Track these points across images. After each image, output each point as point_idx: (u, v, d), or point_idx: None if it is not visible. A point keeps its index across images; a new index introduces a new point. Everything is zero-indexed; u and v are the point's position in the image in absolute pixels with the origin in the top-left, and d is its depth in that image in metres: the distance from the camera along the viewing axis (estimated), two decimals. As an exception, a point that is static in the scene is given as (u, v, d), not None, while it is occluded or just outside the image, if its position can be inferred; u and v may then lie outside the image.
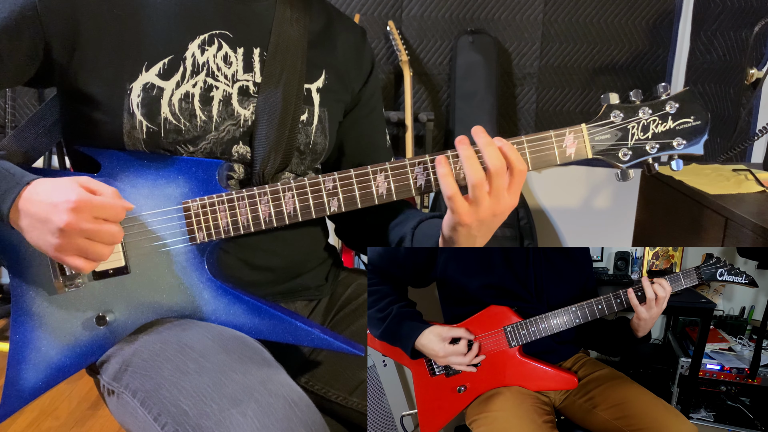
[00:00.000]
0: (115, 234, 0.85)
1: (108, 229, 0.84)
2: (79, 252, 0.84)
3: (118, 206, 0.85)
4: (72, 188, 0.83)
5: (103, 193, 0.85)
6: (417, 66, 2.56)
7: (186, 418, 0.80)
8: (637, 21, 2.52)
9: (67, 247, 0.83)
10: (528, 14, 2.53)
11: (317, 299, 1.14)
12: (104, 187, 0.86)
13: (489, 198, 0.88)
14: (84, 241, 0.83)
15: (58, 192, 0.82)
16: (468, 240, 0.92)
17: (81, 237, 0.83)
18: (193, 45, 0.96)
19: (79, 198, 0.82)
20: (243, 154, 0.99)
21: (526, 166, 0.90)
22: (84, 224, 0.82)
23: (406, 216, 1.09)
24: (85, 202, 0.82)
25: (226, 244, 0.98)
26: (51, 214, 0.81)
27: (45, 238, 0.83)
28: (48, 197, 0.82)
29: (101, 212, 0.83)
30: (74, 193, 0.82)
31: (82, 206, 0.81)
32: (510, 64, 2.58)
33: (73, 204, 0.81)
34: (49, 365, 0.94)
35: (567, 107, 2.61)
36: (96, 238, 0.83)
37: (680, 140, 0.92)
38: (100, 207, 0.83)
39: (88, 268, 0.85)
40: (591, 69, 2.55)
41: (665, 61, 2.54)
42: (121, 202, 0.87)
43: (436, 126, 2.60)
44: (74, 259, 0.84)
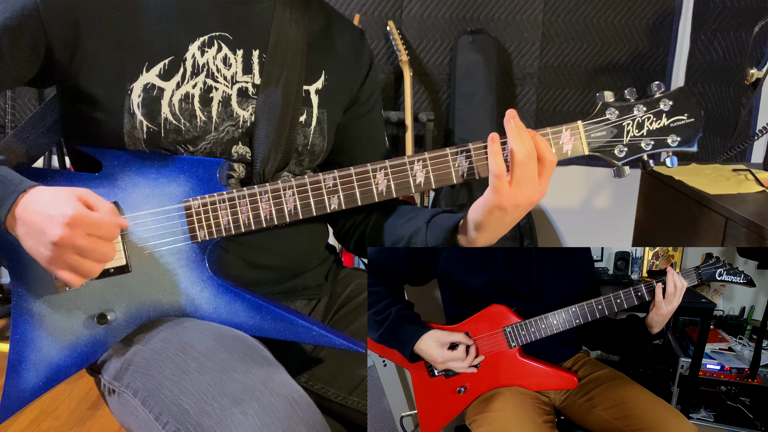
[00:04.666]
0: (107, 253, 0.85)
1: (100, 247, 0.84)
2: (69, 267, 0.84)
3: (113, 224, 0.85)
4: (69, 202, 0.83)
5: (100, 209, 0.85)
6: (417, 66, 2.56)
7: (187, 417, 0.81)
8: (637, 21, 2.52)
9: (58, 260, 0.83)
10: (528, 14, 2.53)
11: (317, 298, 1.15)
12: (102, 202, 0.86)
13: (528, 182, 0.89)
14: (75, 257, 0.83)
15: (55, 204, 0.82)
16: (498, 226, 0.93)
17: (73, 253, 0.83)
18: (194, 46, 0.96)
19: (75, 213, 0.81)
20: (243, 155, 0.99)
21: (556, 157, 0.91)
22: (77, 240, 0.82)
23: (416, 212, 1.08)
24: (81, 219, 0.82)
25: (227, 242, 0.98)
26: (46, 227, 0.81)
27: (38, 249, 0.83)
28: (45, 209, 0.82)
29: (95, 230, 0.83)
30: (71, 207, 0.82)
31: (77, 222, 0.81)
32: (510, 64, 2.58)
33: (69, 219, 0.81)
34: (50, 365, 0.94)
35: (567, 107, 2.61)
36: (87, 255, 0.83)
37: (674, 137, 0.93)
38: (95, 224, 0.83)
39: (77, 282, 0.85)
40: (591, 69, 2.56)
41: (665, 61, 2.54)
42: (117, 220, 0.87)
43: (436, 126, 2.60)
44: (64, 273, 0.84)
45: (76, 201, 0.83)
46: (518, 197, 0.89)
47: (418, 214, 1.07)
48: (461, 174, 0.92)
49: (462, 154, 0.92)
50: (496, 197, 0.90)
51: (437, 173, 0.93)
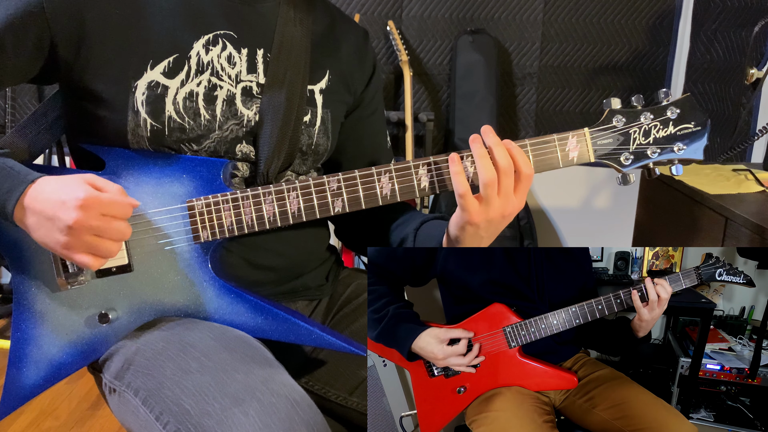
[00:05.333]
0: (124, 230, 0.85)
1: (116, 225, 0.84)
2: (88, 249, 0.83)
3: (126, 203, 0.86)
4: (79, 185, 0.83)
5: (109, 190, 0.86)
6: (417, 66, 2.56)
7: (188, 417, 0.81)
8: (637, 21, 2.52)
9: (75, 244, 0.83)
10: (528, 14, 2.53)
11: (318, 299, 1.15)
12: (110, 184, 0.86)
13: (498, 198, 0.89)
14: (92, 238, 0.83)
15: (65, 189, 0.82)
16: (474, 240, 0.93)
17: (89, 234, 0.83)
18: (198, 44, 0.96)
19: (87, 195, 0.82)
20: (246, 153, 0.99)
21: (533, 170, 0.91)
22: (93, 221, 0.82)
23: (407, 217, 1.09)
24: (93, 199, 0.82)
25: (230, 243, 0.98)
26: (59, 212, 0.81)
27: (53, 236, 0.83)
28: (56, 195, 0.82)
29: (109, 209, 0.83)
30: (82, 190, 0.82)
31: (90, 203, 0.81)
32: (510, 64, 2.58)
33: (82, 201, 0.81)
34: (51, 362, 0.94)
35: (567, 107, 2.61)
36: (105, 234, 0.83)
37: (681, 145, 0.93)
38: (108, 204, 0.83)
39: (96, 265, 0.85)
40: (591, 69, 2.56)
41: (665, 61, 2.54)
42: (128, 199, 0.87)
43: (436, 126, 2.60)
44: (82, 256, 0.84)
45: (85, 184, 0.84)
46: (489, 213, 0.90)
47: (410, 219, 1.08)
48: (468, 178, 0.92)
49: (467, 159, 0.92)
50: (465, 215, 0.90)
51: (441, 178, 0.93)
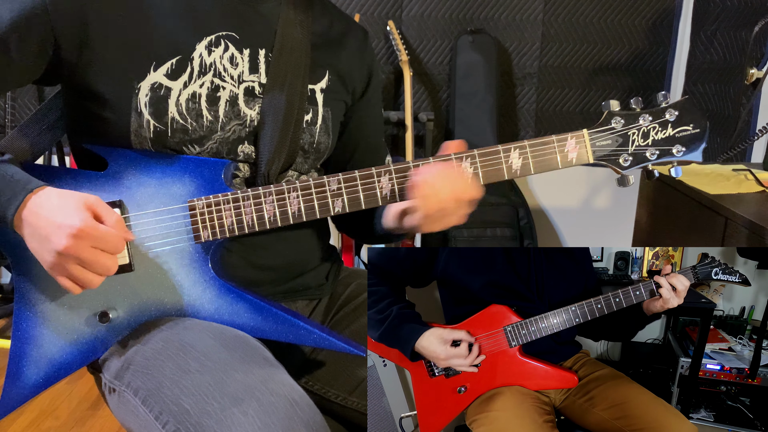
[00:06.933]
0: (110, 266, 0.85)
1: (104, 260, 0.84)
2: (70, 276, 0.84)
3: (119, 238, 0.85)
4: (78, 212, 0.82)
5: (108, 220, 0.85)
6: (417, 66, 2.56)
7: (187, 416, 0.81)
8: (637, 21, 2.52)
9: (59, 268, 0.83)
10: (528, 14, 2.53)
11: (318, 299, 1.15)
12: (110, 213, 0.86)
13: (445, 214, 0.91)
14: (77, 268, 0.83)
15: (64, 212, 0.82)
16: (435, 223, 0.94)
17: (76, 263, 0.83)
18: (201, 46, 0.96)
19: (84, 225, 0.81)
20: (248, 154, 0.99)
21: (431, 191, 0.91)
22: (82, 253, 0.82)
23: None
24: (88, 231, 0.82)
25: (230, 243, 0.98)
26: (52, 235, 0.82)
27: (42, 253, 0.84)
28: (53, 215, 0.82)
29: (101, 243, 0.83)
30: (78, 218, 0.82)
31: (84, 234, 0.81)
32: (510, 64, 2.58)
33: (76, 231, 0.81)
34: (51, 361, 0.94)
35: (567, 107, 2.61)
36: (90, 267, 0.84)
37: (679, 147, 0.93)
38: (101, 238, 0.83)
39: (75, 291, 0.86)
40: (591, 69, 2.56)
41: (665, 61, 2.54)
42: (123, 234, 0.87)
43: (436, 126, 2.60)
44: (64, 281, 0.84)
45: (84, 211, 0.83)
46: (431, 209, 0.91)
47: None
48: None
49: (467, 159, 0.92)
50: None
51: None
